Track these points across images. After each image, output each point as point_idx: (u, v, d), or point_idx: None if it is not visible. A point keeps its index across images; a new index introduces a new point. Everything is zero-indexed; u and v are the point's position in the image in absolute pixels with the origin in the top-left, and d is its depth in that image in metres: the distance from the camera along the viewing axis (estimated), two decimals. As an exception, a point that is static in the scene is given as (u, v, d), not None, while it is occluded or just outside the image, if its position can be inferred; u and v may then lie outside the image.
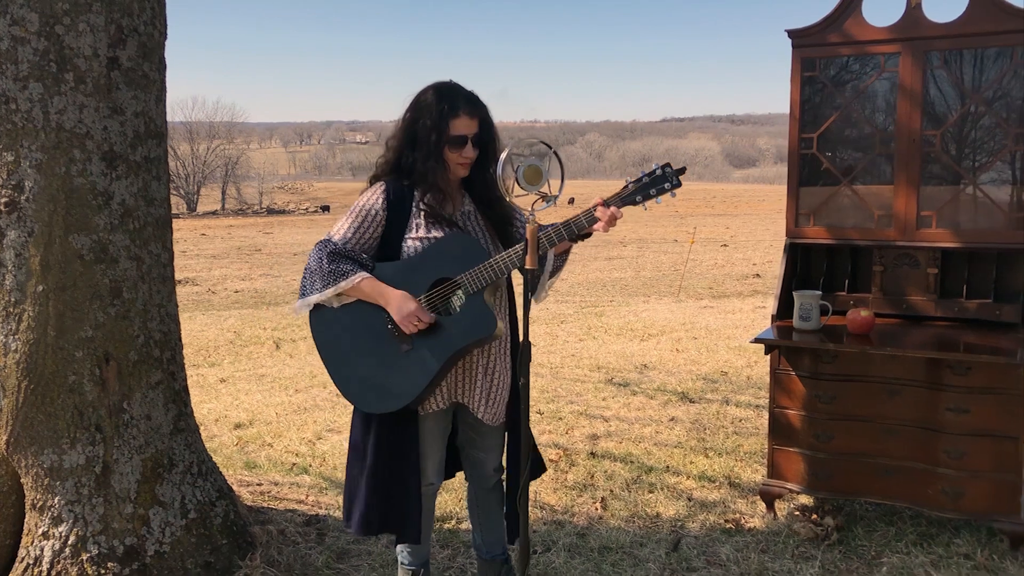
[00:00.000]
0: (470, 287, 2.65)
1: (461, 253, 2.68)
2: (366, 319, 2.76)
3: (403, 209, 2.77)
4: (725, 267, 15.65)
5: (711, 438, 4.89)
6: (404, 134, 2.78)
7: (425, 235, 2.74)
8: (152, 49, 3.12)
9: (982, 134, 3.60)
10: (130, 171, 3.05)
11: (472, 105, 2.72)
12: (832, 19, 3.62)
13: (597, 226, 2.60)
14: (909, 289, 3.70)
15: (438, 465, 2.96)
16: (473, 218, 2.84)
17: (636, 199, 2.61)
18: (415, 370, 2.69)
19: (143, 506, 3.07)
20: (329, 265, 2.71)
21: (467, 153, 2.72)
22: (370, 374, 2.75)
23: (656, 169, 2.62)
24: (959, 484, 3.35)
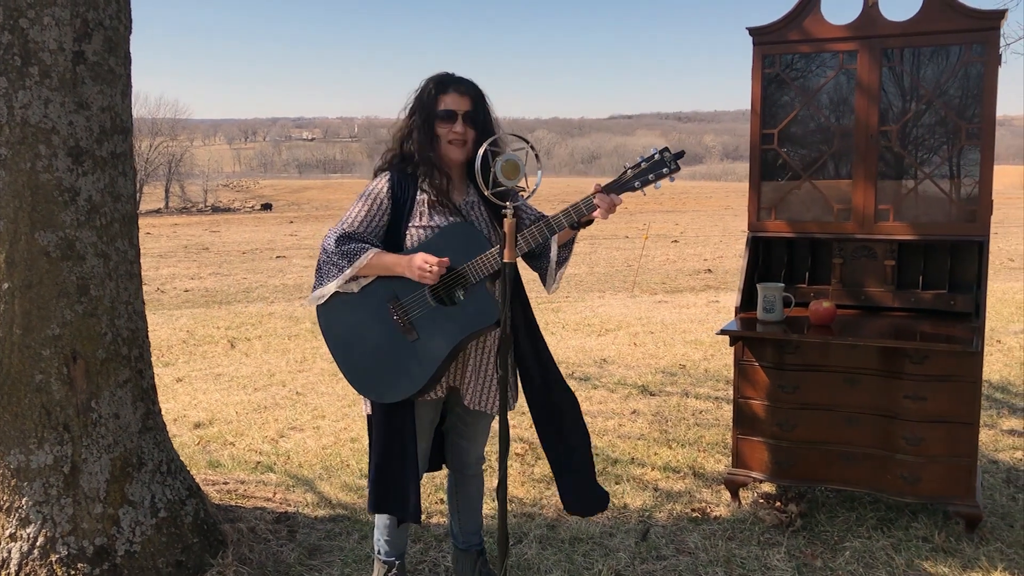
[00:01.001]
0: (473, 276, 2.67)
1: (464, 242, 2.70)
2: (371, 313, 2.77)
3: (407, 197, 2.80)
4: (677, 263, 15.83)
5: (673, 430, 4.97)
6: (404, 124, 2.83)
7: (428, 223, 2.76)
8: (118, 43, 3.08)
9: (936, 130, 3.71)
10: (97, 167, 3.01)
11: (462, 83, 2.76)
12: (792, 17, 3.70)
13: (596, 213, 2.62)
14: (867, 281, 3.80)
15: (425, 453, 2.98)
16: (477, 208, 2.85)
17: (635, 185, 2.62)
18: (421, 359, 2.71)
19: (113, 506, 3.03)
20: (340, 247, 2.74)
21: (456, 128, 2.73)
22: (378, 364, 2.77)
23: (654, 154, 2.62)
24: (916, 469, 3.46)
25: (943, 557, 3.30)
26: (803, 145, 3.90)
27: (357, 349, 2.81)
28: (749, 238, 3.89)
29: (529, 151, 2.47)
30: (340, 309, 2.81)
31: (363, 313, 2.78)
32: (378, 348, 2.77)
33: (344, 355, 2.83)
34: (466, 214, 2.81)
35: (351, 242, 2.74)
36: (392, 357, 2.76)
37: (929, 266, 3.73)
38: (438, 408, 2.94)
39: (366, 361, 2.79)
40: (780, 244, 3.95)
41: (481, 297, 2.67)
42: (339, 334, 2.83)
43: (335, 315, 2.83)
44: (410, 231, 2.77)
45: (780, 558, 3.31)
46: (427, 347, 2.72)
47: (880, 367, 3.49)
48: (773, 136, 3.83)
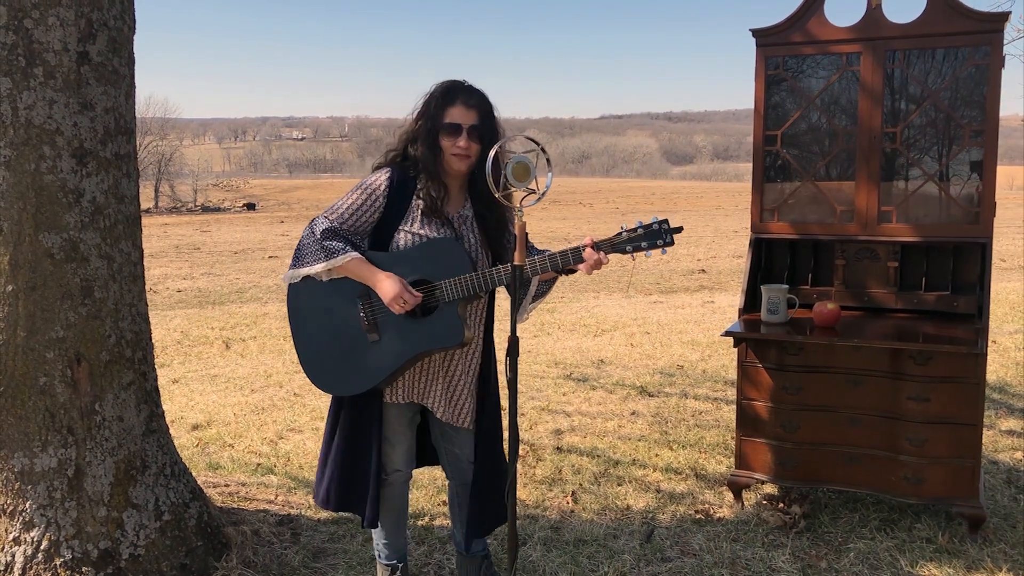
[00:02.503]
0: (447, 295, 2.68)
1: (447, 259, 2.71)
2: (340, 304, 2.80)
3: (403, 198, 2.80)
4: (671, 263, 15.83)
5: (673, 431, 4.97)
6: (411, 127, 2.82)
7: (419, 230, 2.76)
8: (122, 44, 3.07)
9: (939, 131, 3.72)
10: (100, 168, 2.99)
11: (470, 96, 2.75)
12: (795, 19, 3.70)
13: (581, 267, 2.63)
14: (870, 282, 3.80)
15: (406, 454, 2.99)
16: (470, 223, 2.85)
17: (627, 248, 2.61)
18: (375, 362, 2.76)
19: (117, 509, 3.01)
20: (323, 241, 2.74)
21: (461, 143, 2.72)
22: (333, 356, 2.81)
23: (654, 224, 2.61)
24: (920, 470, 3.46)
25: (947, 558, 3.30)
26: (806, 147, 3.90)
27: (316, 335, 2.84)
28: (752, 239, 3.89)
29: (540, 153, 2.46)
30: (311, 293, 2.83)
31: (332, 302, 2.80)
32: (337, 340, 2.80)
33: (302, 337, 2.86)
34: (458, 228, 2.82)
35: (335, 238, 2.75)
36: (347, 352, 2.78)
37: (932, 268, 3.74)
38: (412, 410, 2.95)
39: (322, 349, 2.83)
40: (783, 246, 3.96)
41: (449, 317, 2.69)
42: (304, 316, 2.86)
43: (305, 297, 2.85)
44: (399, 233, 2.77)
45: (785, 559, 3.31)
46: (384, 352, 2.75)
47: (884, 368, 3.50)
48: (776, 138, 3.84)
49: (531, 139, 2.47)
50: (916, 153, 3.71)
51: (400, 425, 2.93)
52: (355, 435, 2.90)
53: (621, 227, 2.65)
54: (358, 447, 2.89)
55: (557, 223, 30.36)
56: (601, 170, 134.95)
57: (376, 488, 2.90)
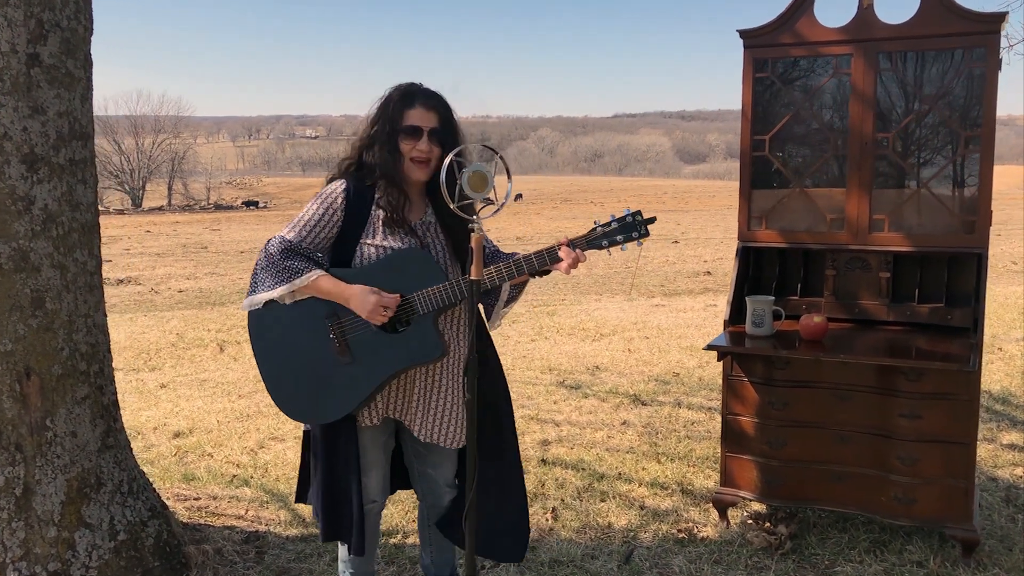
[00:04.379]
0: (421, 308, 2.55)
1: (417, 270, 2.57)
2: (307, 327, 2.65)
3: (362, 210, 2.66)
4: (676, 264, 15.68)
5: (663, 443, 4.83)
6: (366, 133, 2.69)
7: (382, 242, 2.63)
8: (76, 45, 2.95)
9: (933, 137, 3.57)
10: (53, 174, 2.88)
11: (429, 98, 2.63)
12: (784, 19, 3.56)
13: (559, 266, 2.51)
14: (861, 293, 3.66)
15: (381, 482, 2.84)
16: (433, 230, 2.72)
17: (602, 244, 2.51)
18: (350, 385, 2.60)
19: (68, 529, 2.90)
20: (283, 262, 2.61)
21: (421, 146, 2.60)
22: (304, 383, 2.66)
23: (627, 216, 2.52)
24: (911, 491, 3.32)
25: (938, 584, 3.16)
26: (795, 152, 3.76)
27: (285, 363, 2.69)
28: (739, 248, 3.75)
29: (498, 162, 2.33)
30: (274, 318, 2.68)
31: (298, 326, 2.65)
32: (307, 365, 2.65)
33: (269, 367, 2.71)
34: (422, 235, 2.68)
35: (296, 257, 2.61)
36: (320, 377, 2.64)
37: (926, 278, 3.59)
38: (385, 433, 2.81)
39: (292, 377, 2.68)
40: (771, 254, 3.81)
41: (425, 330, 2.55)
42: (268, 344, 2.71)
43: (267, 323, 2.70)
44: (362, 247, 2.64)
45: (768, 584, 3.17)
46: (359, 373, 2.60)
47: (873, 384, 3.35)
48: (764, 142, 3.69)
49: (489, 147, 2.34)
50: (909, 159, 3.56)
51: (374, 450, 2.79)
52: (334, 464, 2.75)
53: (595, 222, 2.54)
54: (338, 476, 2.75)
55: (567, 222, 30.22)
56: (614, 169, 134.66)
57: (360, 515, 2.75)
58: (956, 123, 3.44)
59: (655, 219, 2.54)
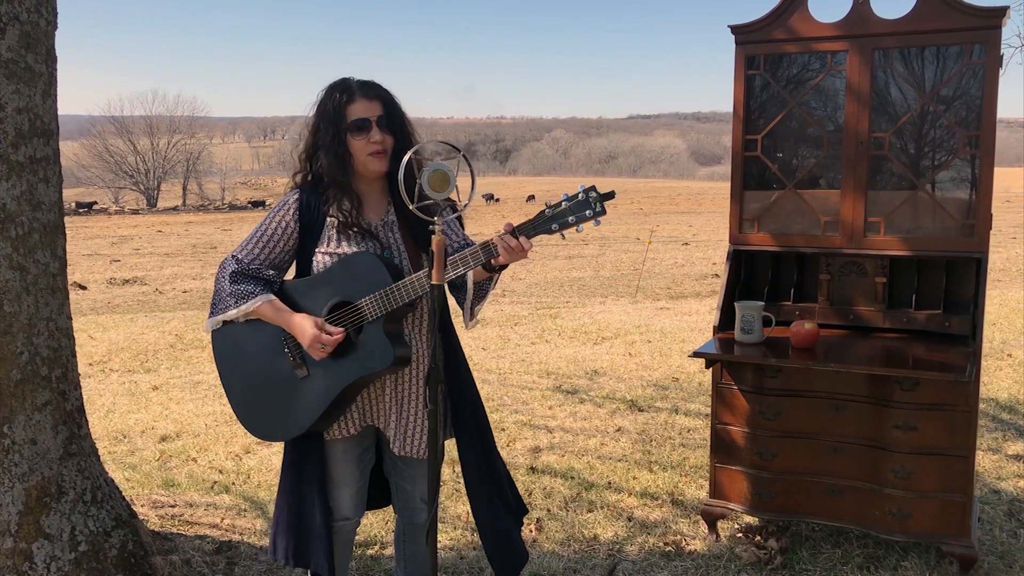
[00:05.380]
0: (370, 314, 2.43)
1: (364, 275, 2.44)
2: (265, 342, 2.56)
3: (316, 220, 2.55)
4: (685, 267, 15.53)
5: (657, 451, 4.70)
6: (310, 140, 2.57)
7: (335, 249, 2.52)
8: (37, 39, 2.85)
9: (933, 136, 3.43)
10: (11, 172, 2.78)
11: (368, 88, 2.51)
12: (777, 14, 3.43)
13: (497, 260, 2.33)
14: (856, 298, 3.52)
15: (355, 498, 2.72)
16: (394, 230, 2.59)
17: (551, 227, 2.26)
18: (306, 401, 2.49)
19: (25, 540, 2.81)
20: (231, 286, 2.53)
21: (374, 138, 2.47)
22: (263, 401, 2.55)
23: (579, 193, 2.26)
24: (906, 505, 3.18)
25: (933, 603, 3.02)
26: (788, 152, 3.63)
27: (245, 381, 2.59)
28: (730, 251, 3.63)
29: (461, 160, 2.21)
30: (232, 337, 2.59)
31: (255, 343, 2.56)
32: (265, 382, 2.55)
33: (231, 384, 2.62)
34: (383, 237, 2.56)
35: (243, 280, 2.52)
36: (277, 394, 2.53)
37: (923, 284, 3.45)
38: (361, 446, 2.69)
39: (251, 395, 2.58)
40: (764, 258, 3.68)
41: (376, 338, 2.42)
42: (230, 361, 2.61)
43: (227, 342, 2.61)
44: (317, 256, 2.54)
45: (754, 602, 3.04)
46: (315, 387, 2.49)
47: (868, 393, 3.22)
48: (756, 142, 3.56)
49: (450, 144, 2.22)
50: (906, 160, 3.42)
51: (347, 463, 2.66)
52: (299, 480, 2.64)
53: (546, 204, 2.30)
54: (303, 494, 2.63)
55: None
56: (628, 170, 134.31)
57: (329, 537, 2.63)
58: (955, 122, 3.30)
59: (613, 194, 2.27)
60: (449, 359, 2.65)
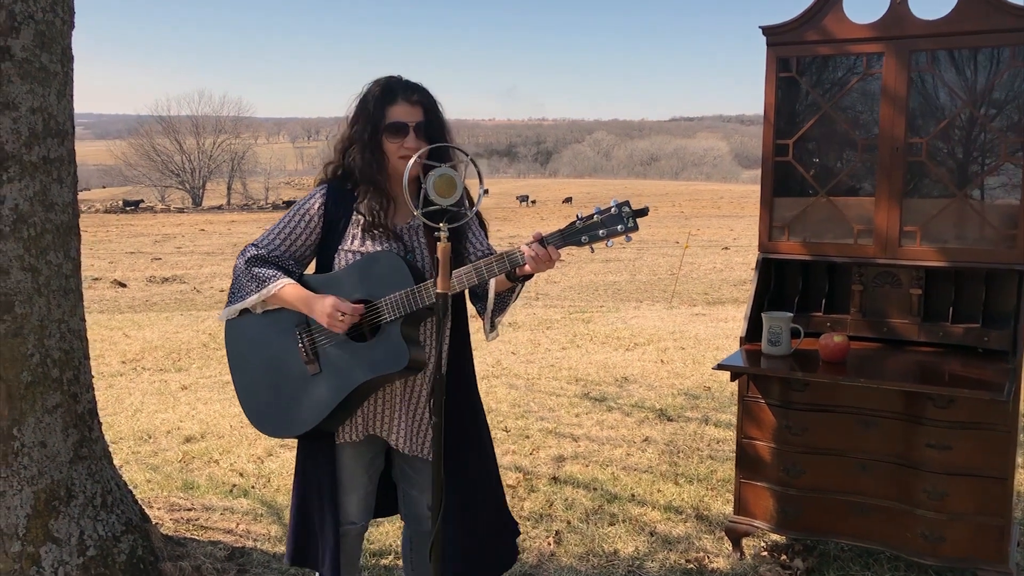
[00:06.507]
0: (389, 314, 2.36)
1: (386, 275, 2.38)
2: (278, 336, 2.50)
3: (342, 216, 2.50)
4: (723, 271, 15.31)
5: (684, 462, 4.59)
6: (346, 134, 2.52)
7: (359, 248, 2.46)
8: (53, 39, 2.83)
9: (972, 143, 3.29)
10: (24, 173, 2.76)
11: (413, 91, 2.44)
12: (810, 15, 3.31)
13: (522, 269, 2.26)
14: (890, 310, 3.39)
15: (362, 503, 2.66)
16: (419, 234, 2.53)
17: (581, 240, 2.21)
18: (316, 399, 2.42)
19: (34, 543, 2.78)
20: (251, 270, 2.48)
21: (408, 144, 2.41)
22: (272, 395, 2.49)
23: (612, 206, 2.21)
24: (939, 527, 3.04)
25: (966, 632, 2.88)
26: (821, 158, 3.50)
27: (255, 374, 2.53)
28: (759, 259, 3.51)
29: (469, 164, 2.13)
30: (246, 328, 2.54)
31: (268, 335, 2.50)
32: (275, 376, 2.49)
33: (241, 377, 2.56)
34: (408, 240, 2.49)
35: (264, 265, 2.46)
36: (287, 390, 2.47)
37: (961, 296, 3.31)
38: (371, 451, 2.62)
39: (261, 389, 2.52)
40: (794, 267, 3.56)
41: (392, 340, 2.34)
42: (242, 355, 2.56)
43: (240, 333, 2.56)
44: (339, 254, 2.47)
45: (777, 625, 2.93)
46: (325, 386, 2.42)
47: (899, 410, 3.08)
48: (788, 147, 3.44)
49: (458, 148, 2.15)
50: (944, 167, 3.28)
51: (356, 468, 2.61)
52: (308, 482, 2.60)
53: (576, 215, 2.25)
54: (312, 495, 2.59)
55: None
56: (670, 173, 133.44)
57: (335, 541, 2.58)
58: (998, 128, 3.16)
59: (647, 211, 2.23)
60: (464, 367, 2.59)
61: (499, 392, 6.12)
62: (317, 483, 2.58)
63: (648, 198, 54.82)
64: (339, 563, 2.60)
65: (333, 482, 2.58)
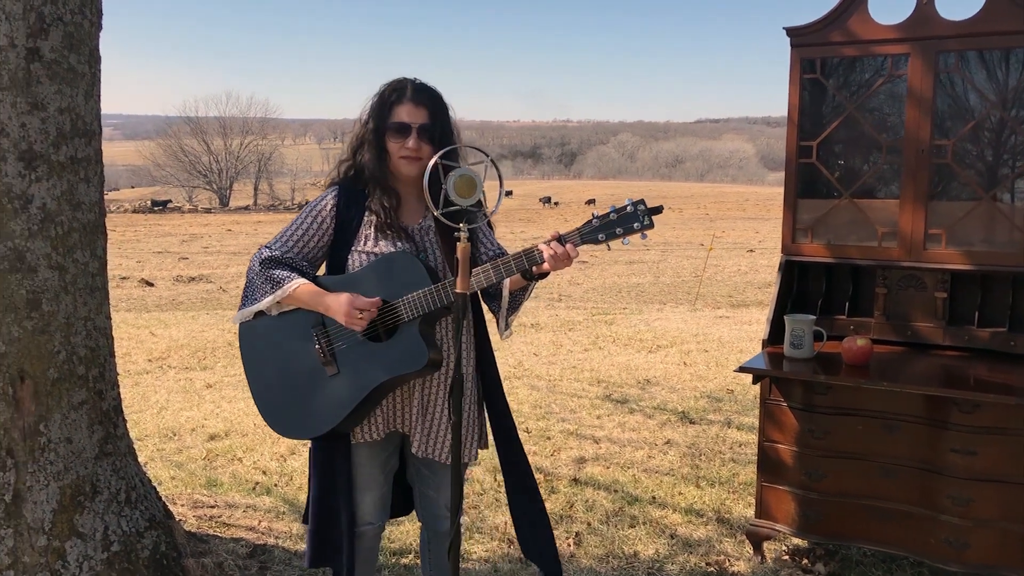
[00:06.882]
0: (407, 314, 2.37)
1: (402, 275, 2.39)
2: (294, 337, 2.51)
3: (354, 216, 2.52)
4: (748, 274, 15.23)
5: (706, 465, 4.57)
6: (359, 132, 2.55)
7: (372, 248, 2.48)
8: (81, 40, 2.86)
9: (1004, 145, 3.26)
10: (52, 172, 2.79)
11: (420, 93, 2.46)
12: (835, 15, 3.29)
13: (540, 267, 2.28)
14: (915, 314, 3.36)
15: (378, 503, 2.67)
16: (431, 234, 2.54)
17: (599, 238, 2.25)
18: (335, 399, 2.44)
19: (59, 538, 2.81)
20: (266, 271, 2.49)
21: (409, 144, 2.43)
22: (289, 396, 2.51)
23: (627, 205, 2.25)
24: (963, 534, 3.01)
25: (990, 639, 2.85)
26: (845, 160, 3.48)
27: (271, 376, 2.54)
28: (782, 262, 3.49)
29: (489, 165, 2.14)
30: (261, 330, 2.55)
31: (284, 337, 2.51)
32: (292, 379, 2.50)
33: (257, 379, 2.57)
34: (419, 240, 2.51)
35: (278, 267, 2.47)
36: (305, 391, 2.48)
37: (987, 300, 3.27)
38: (386, 451, 2.64)
39: (278, 391, 2.53)
40: (818, 269, 3.54)
41: (410, 339, 2.36)
42: (257, 356, 2.57)
43: (256, 335, 2.57)
44: (352, 255, 2.49)
45: (797, 629, 2.91)
46: (344, 386, 2.43)
47: (923, 415, 3.06)
48: (812, 149, 3.43)
49: (479, 148, 2.16)
50: (972, 169, 3.25)
51: (372, 469, 2.62)
52: (324, 482, 2.61)
53: (592, 214, 2.29)
54: (328, 496, 2.61)
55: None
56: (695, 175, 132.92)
57: (351, 541, 2.60)
58: (1025, 130, 3.13)
59: (661, 209, 2.27)
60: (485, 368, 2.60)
61: (521, 393, 6.12)
62: (333, 484, 2.59)
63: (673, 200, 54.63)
64: (354, 563, 2.62)
65: (349, 483, 2.59)
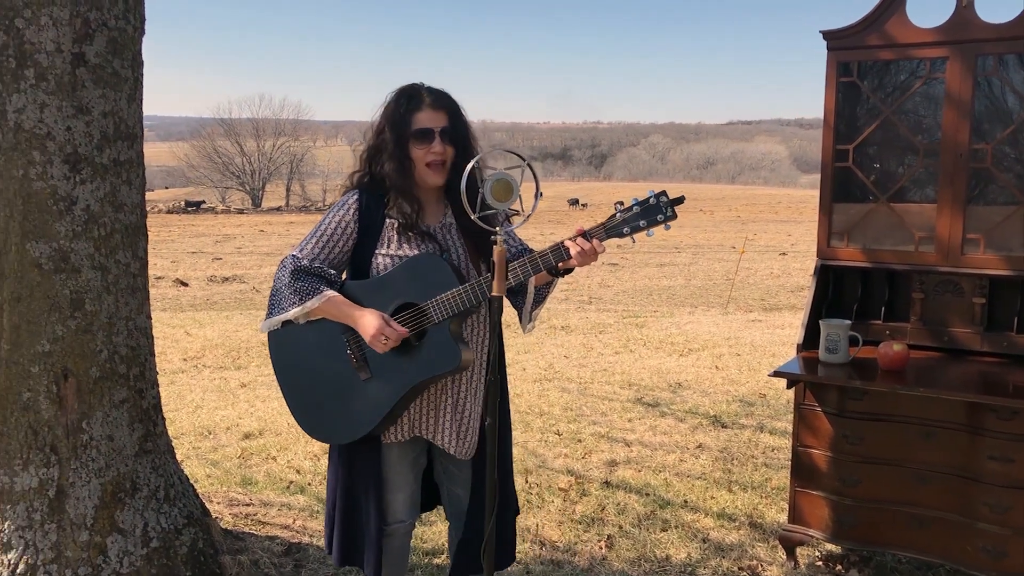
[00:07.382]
0: (436, 316, 2.40)
1: (430, 276, 2.42)
2: (325, 344, 2.54)
3: (375, 221, 2.55)
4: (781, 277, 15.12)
5: (738, 470, 4.55)
6: (373, 141, 2.58)
7: (396, 251, 2.51)
8: (124, 45, 2.92)
9: (1040, 149, 3.22)
10: (96, 175, 2.85)
11: (436, 97, 2.49)
12: (872, 19, 3.27)
13: (567, 262, 2.32)
14: (952, 320, 3.33)
15: (409, 501, 2.70)
16: (452, 232, 2.58)
17: (623, 231, 2.29)
18: (370, 403, 2.47)
19: (100, 533, 2.87)
20: (294, 283, 2.51)
21: (435, 148, 2.46)
22: (324, 403, 2.54)
23: (650, 197, 2.29)
24: (1001, 542, 2.98)
25: (1027, 649, 2.82)
26: (882, 164, 3.46)
27: (304, 383, 2.58)
28: (818, 266, 3.48)
29: (525, 169, 2.16)
30: (292, 337, 2.58)
31: (315, 343, 2.54)
32: (326, 385, 2.53)
33: (291, 388, 2.61)
34: (441, 239, 2.54)
35: (306, 277, 2.50)
36: (339, 396, 2.51)
37: (1026, 306, 3.24)
38: (415, 450, 2.66)
39: (312, 397, 2.56)
40: (853, 274, 3.52)
41: (442, 340, 2.38)
42: (289, 363, 2.61)
43: (286, 343, 2.60)
44: (376, 258, 2.52)
45: (831, 636, 2.90)
46: (377, 389, 2.46)
47: (960, 421, 3.03)
48: (848, 153, 3.41)
49: (515, 153, 2.18)
50: (1011, 173, 3.21)
51: (402, 468, 2.66)
52: (353, 482, 2.65)
53: (615, 207, 2.32)
54: (357, 496, 2.64)
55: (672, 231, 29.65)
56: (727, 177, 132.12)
57: (379, 540, 2.64)
58: (1066, 134, 3.09)
59: (683, 199, 2.32)
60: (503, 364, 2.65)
61: (552, 395, 6.13)
62: (364, 484, 2.63)
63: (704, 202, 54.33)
64: (381, 562, 2.65)
65: (379, 482, 2.62)
